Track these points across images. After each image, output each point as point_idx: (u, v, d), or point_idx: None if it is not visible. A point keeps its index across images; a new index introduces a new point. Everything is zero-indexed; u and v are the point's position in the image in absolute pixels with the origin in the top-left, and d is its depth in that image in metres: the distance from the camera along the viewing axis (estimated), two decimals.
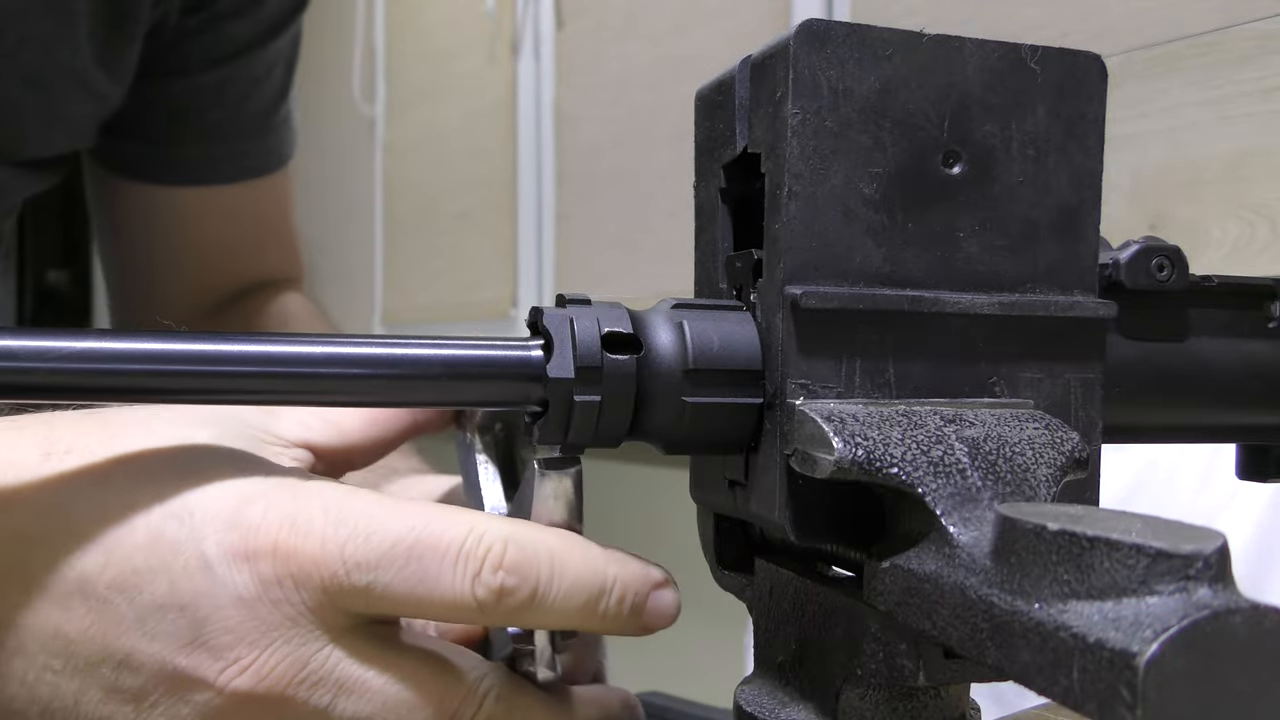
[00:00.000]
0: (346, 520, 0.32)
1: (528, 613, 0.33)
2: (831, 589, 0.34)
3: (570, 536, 0.34)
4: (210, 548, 0.32)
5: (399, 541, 0.32)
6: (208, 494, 0.33)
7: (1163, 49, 1.19)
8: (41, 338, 0.30)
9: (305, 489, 0.33)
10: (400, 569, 0.32)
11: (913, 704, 0.33)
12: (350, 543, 0.32)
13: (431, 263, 2.56)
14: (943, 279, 0.34)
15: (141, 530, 0.32)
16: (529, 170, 2.21)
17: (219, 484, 0.33)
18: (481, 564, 0.32)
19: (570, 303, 0.33)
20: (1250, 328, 0.41)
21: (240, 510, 0.32)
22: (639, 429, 0.34)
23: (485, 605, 0.33)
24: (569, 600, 0.33)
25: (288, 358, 0.31)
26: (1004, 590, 0.25)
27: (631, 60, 1.97)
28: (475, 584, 0.32)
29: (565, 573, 0.33)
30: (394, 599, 0.32)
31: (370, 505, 0.33)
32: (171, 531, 0.32)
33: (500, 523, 0.33)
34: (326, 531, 0.32)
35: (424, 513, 0.33)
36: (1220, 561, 0.22)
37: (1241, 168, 1.13)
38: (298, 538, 0.32)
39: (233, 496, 0.33)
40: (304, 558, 0.32)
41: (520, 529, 0.34)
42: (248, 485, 0.33)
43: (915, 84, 0.33)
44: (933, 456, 0.30)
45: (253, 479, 0.33)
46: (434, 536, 0.32)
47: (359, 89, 2.76)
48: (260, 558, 0.32)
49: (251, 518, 0.32)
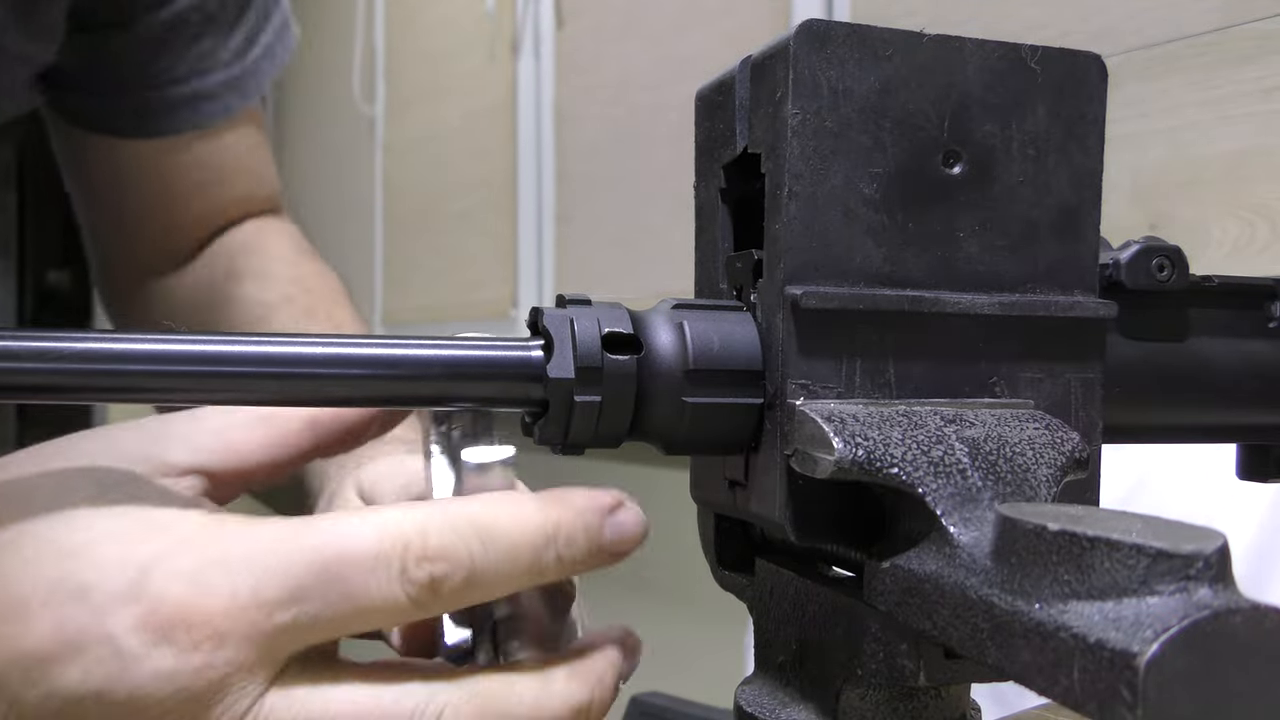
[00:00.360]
0: (251, 562, 0.30)
1: (473, 591, 0.32)
2: (832, 589, 0.34)
3: (495, 498, 0.33)
4: (116, 627, 0.30)
5: (309, 566, 0.30)
6: (102, 566, 0.30)
7: (1163, 49, 1.19)
8: (42, 338, 0.29)
9: (201, 537, 0.31)
10: (321, 594, 0.31)
11: (913, 704, 0.33)
12: (261, 585, 0.30)
13: (431, 263, 2.56)
14: (943, 279, 0.34)
15: (42, 619, 0.30)
16: (529, 170, 2.21)
17: (111, 549, 0.31)
18: (403, 561, 0.31)
19: (570, 303, 0.33)
20: (1250, 328, 0.41)
21: (139, 582, 0.30)
22: (639, 429, 0.33)
23: (421, 601, 0.31)
24: (513, 563, 0.32)
25: (288, 358, 0.31)
26: (1004, 590, 0.25)
27: (631, 60, 1.97)
28: (404, 583, 0.31)
29: (496, 537, 0.32)
30: (324, 626, 0.31)
31: (270, 538, 0.31)
32: (73, 616, 0.30)
33: (412, 511, 0.32)
34: (234, 581, 0.30)
35: (328, 528, 0.31)
36: (1221, 561, 0.22)
37: (1242, 168, 1.13)
38: (205, 597, 0.30)
39: (129, 566, 0.30)
40: (217, 616, 0.30)
41: (436, 511, 0.32)
42: (142, 549, 0.31)
43: (915, 84, 0.33)
44: (933, 456, 0.30)
45: (146, 538, 0.31)
46: (344, 549, 0.31)
47: (359, 89, 2.76)
48: (172, 628, 0.30)
49: (152, 588, 0.30)
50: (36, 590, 0.30)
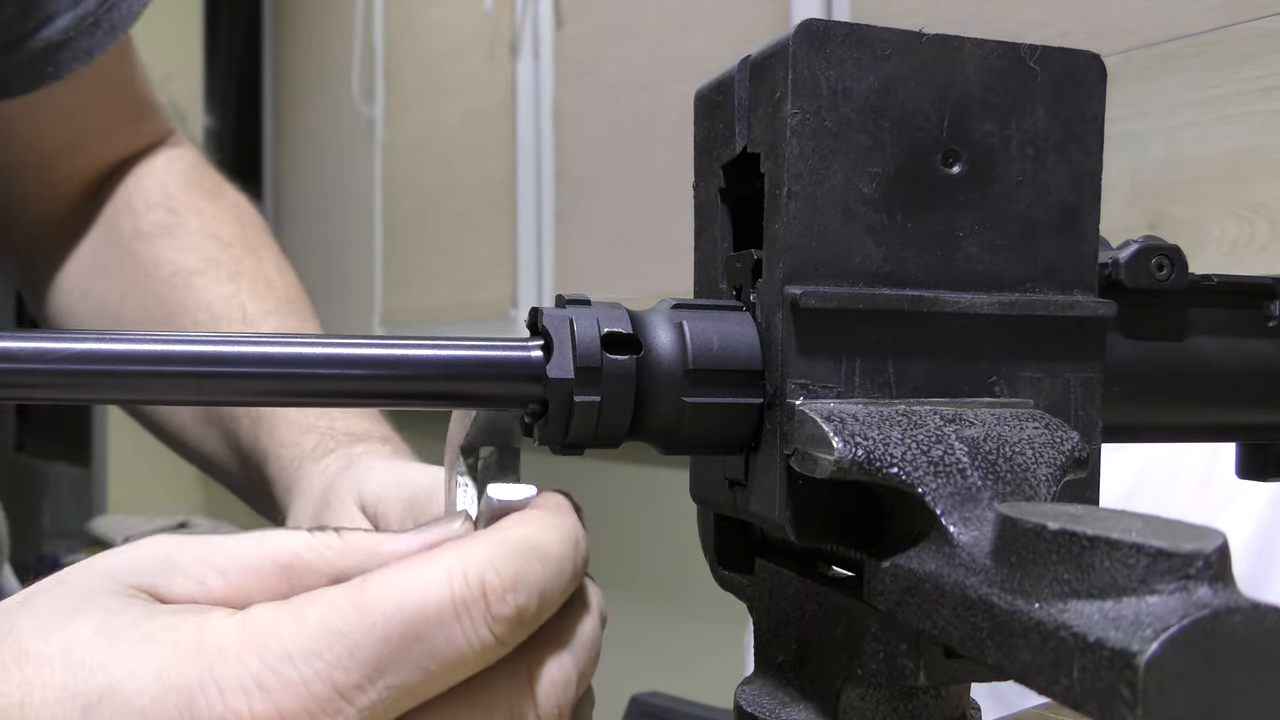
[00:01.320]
0: (315, 647, 0.28)
1: (543, 614, 0.30)
2: (832, 589, 0.34)
3: (527, 518, 0.32)
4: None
5: (384, 637, 0.28)
6: (138, 709, 0.27)
7: (1162, 48, 1.19)
8: (42, 339, 0.30)
9: (243, 641, 0.28)
10: (403, 661, 0.28)
11: (913, 703, 0.33)
12: (336, 670, 0.28)
13: (431, 263, 2.56)
14: (942, 278, 0.34)
15: None
16: (529, 170, 2.21)
17: (143, 685, 0.28)
18: (485, 602, 0.29)
19: (570, 303, 0.33)
20: (1250, 327, 0.41)
21: (190, 709, 0.27)
22: (639, 429, 0.33)
23: (506, 637, 0.29)
24: (561, 577, 0.31)
25: (288, 359, 0.31)
26: (1004, 590, 0.25)
27: (631, 60, 1.97)
28: (491, 624, 0.29)
29: (549, 556, 0.31)
30: (410, 694, 0.28)
31: (327, 612, 0.28)
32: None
33: (471, 548, 0.30)
34: (303, 674, 0.28)
35: (392, 585, 0.29)
36: (1220, 561, 0.22)
37: (1241, 167, 1.13)
38: (274, 700, 0.27)
39: (170, 697, 0.27)
40: (294, 718, 0.27)
41: (492, 542, 0.30)
42: (177, 675, 0.28)
43: (915, 84, 0.33)
44: (933, 456, 0.30)
45: (178, 662, 0.28)
46: (419, 606, 0.28)
47: (359, 89, 2.76)
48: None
49: (209, 711, 0.27)
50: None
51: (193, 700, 0.27)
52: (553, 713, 0.31)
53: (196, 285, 0.69)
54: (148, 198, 0.75)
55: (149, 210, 0.74)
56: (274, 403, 0.33)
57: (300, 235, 3.14)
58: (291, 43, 3.24)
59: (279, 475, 0.61)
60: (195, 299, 0.69)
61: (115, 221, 0.75)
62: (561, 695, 0.31)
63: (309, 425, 0.61)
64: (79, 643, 0.29)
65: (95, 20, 0.69)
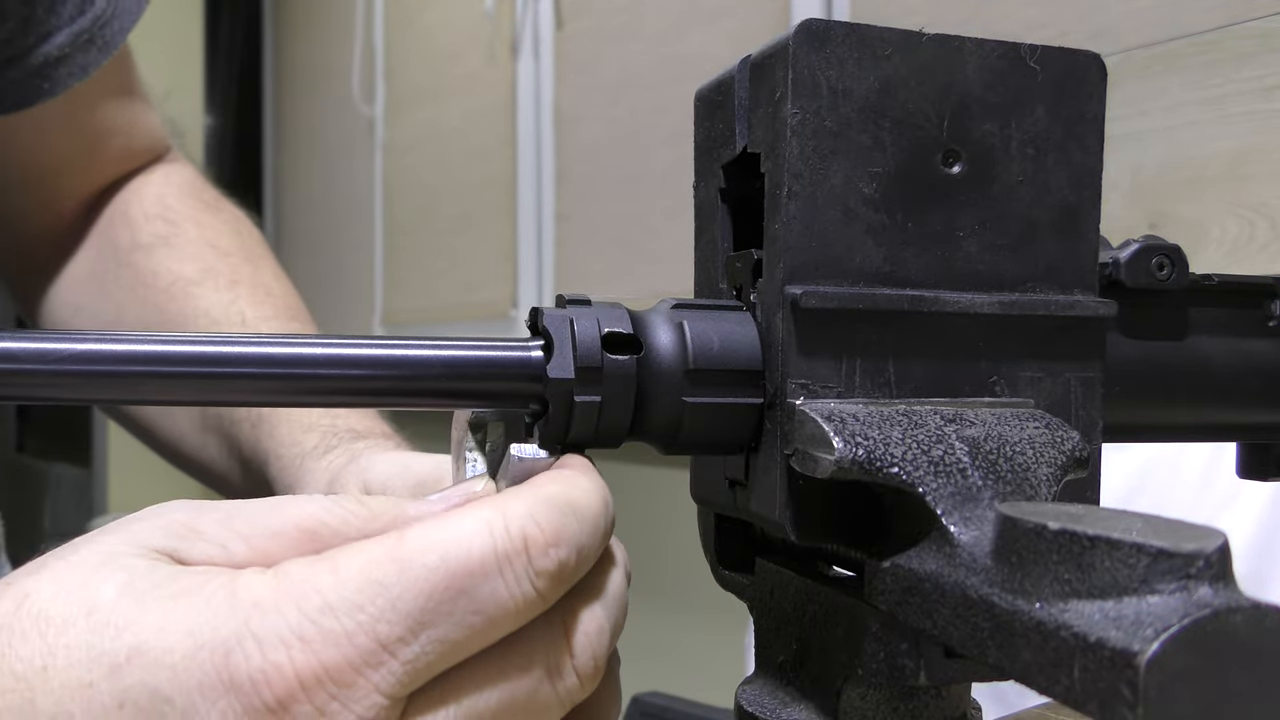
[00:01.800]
0: (357, 599, 0.27)
1: (580, 570, 0.30)
2: (832, 589, 0.34)
3: (560, 476, 0.31)
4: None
5: (428, 588, 0.27)
6: (170, 665, 0.26)
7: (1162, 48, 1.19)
8: (42, 339, 0.30)
9: (279, 595, 0.27)
10: (447, 615, 0.27)
11: (914, 703, 0.33)
12: (380, 622, 0.27)
13: (431, 263, 2.56)
14: (943, 278, 0.34)
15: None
16: (529, 170, 2.21)
17: (173, 642, 0.27)
18: (528, 554, 0.28)
19: (570, 303, 0.33)
20: (1250, 326, 0.41)
21: (227, 665, 0.26)
22: (639, 429, 0.33)
23: (547, 592, 0.29)
24: (596, 534, 0.30)
25: (288, 359, 0.31)
26: (1005, 589, 0.25)
27: (631, 60, 1.97)
28: (533, 579, 0.28)
29: (583, 512, 0.30)
30: (453, 649, 0.28)
31: (366, 565, 0.28)
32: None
33: (510, 501, 0.29)
34: (345, 625, 0.27)
35: (432, 538, 0.28)
36: (1221, 560, 0.22)
37: (1241, 166, 1.13)
38: (315, 652, 0.26)
39: (204, 653, 0.26)
40: (337, 670, 0.26)
41: (530, 496, 0.30)
42: (208, 631, 0.27)
43: (915, 83, 0.33)
44: (933, 456, 0.30)
45: (211, 618, 0.27)
46: (463, 558, 0.28)
47: (359, 89, 2.76)
48: (288, 702, 0.26)
49: (247, 665, 0.26)
50: (95, 718, 0.26)
51: (228, 655, 0.26)
52: (589, 664, 0.30)
53: (195, 294, 0.69)
54: (145, 210, 0.75)
55: (147, 222, 0.74)
56: (274, 403, 0.33)
57: (300, 235, 3.14)
58: (291, 43, 3.24)
59: (281, 475, 0.61)
60: (194, 307, 0.69)
61: (112, 234, 0.75)
62: (596, 646, 0.31)
63: (311, 424, 0.61)
64: (103, 603, 0.27)
65: (90, 37, 0.70)
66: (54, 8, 0.68)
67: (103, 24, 0.70)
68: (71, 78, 0.69)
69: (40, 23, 0.67)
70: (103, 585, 0.28)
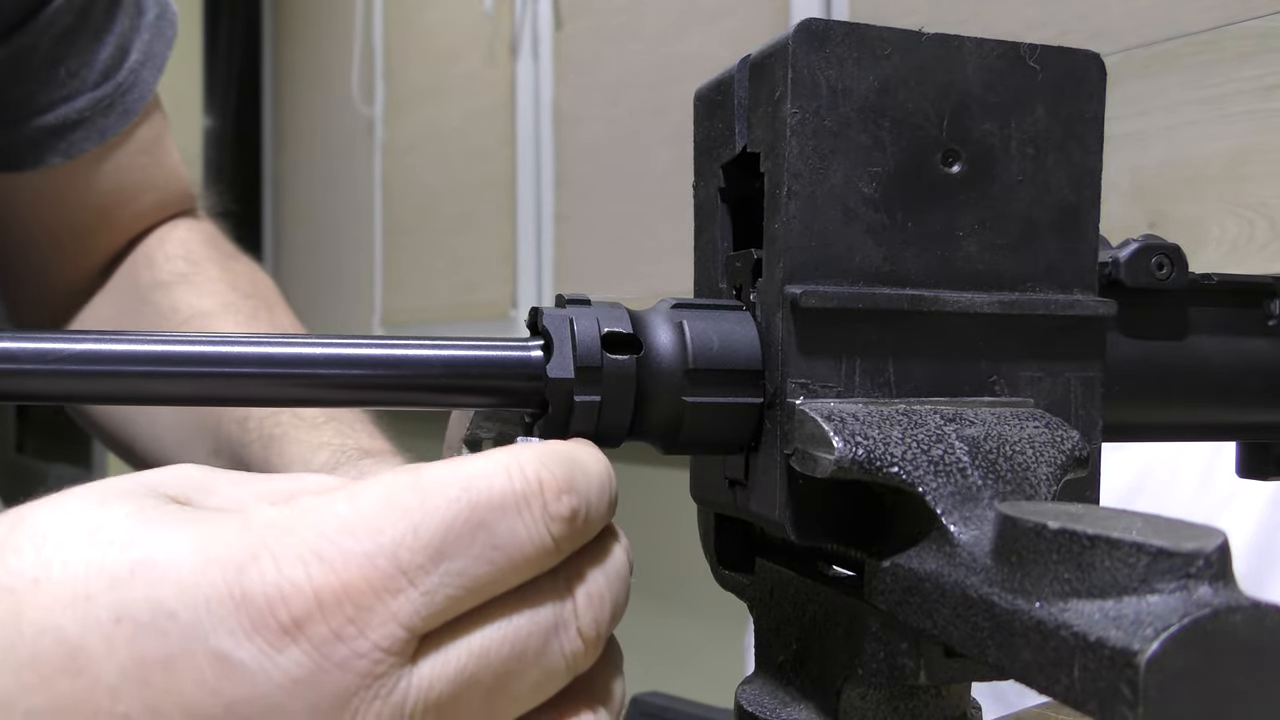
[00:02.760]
0: (377, 522, 0.26)
1: (589, 529, 0.29)
2: (832, 588, 0.34)
3: (558, 441, 0.31)
4: (226, 641, 0.25)
5: (449, 517, 0.27)
6: (176, 579, 0.25)
7: (1162, 47, 1.19)
8: (42, 339, 0.30)
9: (296, 517, 0.26)
10: (467, 548, 0.27)
11: (914, 703, 0.33)
12: (400, 547, 0.26)
13: (431, 263, 2.56)
14: (942, 278, 0.34)
15: (108, 666, 0.24)
16: (528, 171, 2.21)
17: (181, 556, 0.25)
18: (544, 498, 0.28)
19: (570, 303, 0.33)
20: (1250, 326, 0.41)
21: (239, 580, 0.25)
22: (639, 429, 0.34)
23: (562, 541, 0.28)
24: (603, 495, 0.30)
25: (288, 359, 0.31)
26: (1005, 589, 0.25)
27: (631, 60, 1.97)
28: (548, 522, 0.28)
29: (590, 472, 0.30)
30: (472, 586, 0.27)
31: (386, 491, 0.27)
32: (153, 650, 0.24)
33: (523, 449, 0.29)
34: (365, 546, 0.26)
35: (456, 472, 0.27)
36: (1221, 560, 0.22)
37: (1241, 166, 1.13)
38: (336, 573, 0.25)
39: (214, 569, 0.25)
40: (356, 592, 0.25)
41: (541, 448, 0.29)
42: (219, 546, 0.25)
43: (914, 83, 0.33)
44: (933, 455, 0.30)
45: (224, 537, 0.26)
46: (484, 492, 0.27)
47: (358, 89, 2.76)
48: (304, 621, 0.25)
49: (261, 581, 0.25)
50: (88, 633, 0.25)
51: (241, 570, 0.25)
52: (592, 628, 0.30)
53: (212, 326, 0.70)
54: (168, 251, 0.76)
55: (168, 262, 0.75)
56: (275, 402, 0.33)
57: (300, 235, 3.14)
58: (291, 43, 3.24)
59: None
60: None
61: (134, 276, 0.76)
62: (599, 612, 0.30)
63: (320, 443, 0.62)
64: (109, 523, 0.26)
65: (110, 103, 0.71)
66: (78, 72, 0.70)
67: (124, 90, 0.72)
68: (88, 142, 0.71)
69: (62, 84, 0.69)
70: (110, 510, 0.27)
